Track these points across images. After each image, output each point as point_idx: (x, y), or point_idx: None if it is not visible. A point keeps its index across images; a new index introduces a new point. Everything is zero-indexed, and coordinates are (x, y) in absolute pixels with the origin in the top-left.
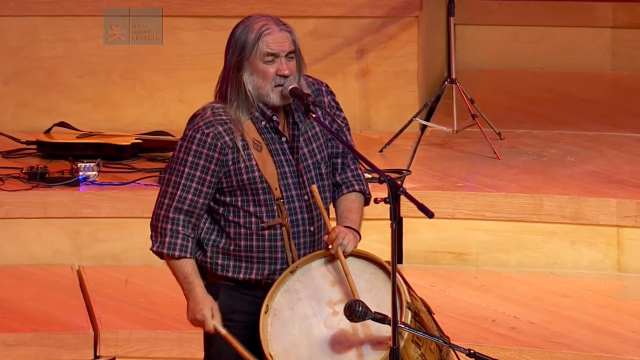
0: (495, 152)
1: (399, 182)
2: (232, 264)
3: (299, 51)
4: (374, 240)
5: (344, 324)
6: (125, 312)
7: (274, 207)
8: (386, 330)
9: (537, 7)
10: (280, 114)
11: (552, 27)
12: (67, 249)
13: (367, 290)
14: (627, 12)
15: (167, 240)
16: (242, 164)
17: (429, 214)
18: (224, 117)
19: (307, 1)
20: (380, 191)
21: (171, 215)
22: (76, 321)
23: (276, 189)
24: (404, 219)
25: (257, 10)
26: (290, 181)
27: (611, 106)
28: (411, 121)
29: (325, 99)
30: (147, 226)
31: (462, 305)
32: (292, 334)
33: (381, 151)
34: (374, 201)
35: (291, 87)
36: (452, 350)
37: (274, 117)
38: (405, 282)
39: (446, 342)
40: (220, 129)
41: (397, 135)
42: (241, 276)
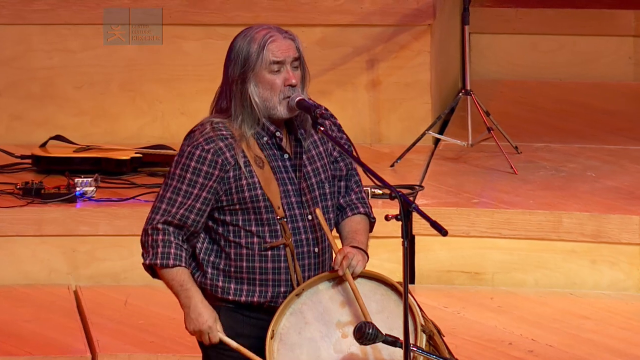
0: (512, 167)
1: (411, 198)
2: (232, 287)
3: (304, 60)
4: (384, 259)
5: (354, 348)
6: (124, 335)
7: (277, 227)
8: (399, 354)
9: (556, 15)
10: (282, 130)
11: (572, 35)
12: (64, 268)
13: (378, 312)
14: None
15: (160, 250)
16: (244, 181)
17: (443, 232)
18: (224, 133)
19: (315, 9)
20: (391, 208)
21: (161, 226)
22: (73, 344)
23: (279, 208)
24: (416, 237)
25: (263, 17)
26: (293, 200)
27: (634, 119)
28: (424, 134)
29: (326, 122)
30: None
31: (478, 327)
32: (300, 359)
33: (392, 166)
34: (384, 218)
35: (298, 98)
36: None
37: (277, 133)
38: (416, 302)
39: None
40: (221, 144)
41: (409, 149)
42: (243, 299)
